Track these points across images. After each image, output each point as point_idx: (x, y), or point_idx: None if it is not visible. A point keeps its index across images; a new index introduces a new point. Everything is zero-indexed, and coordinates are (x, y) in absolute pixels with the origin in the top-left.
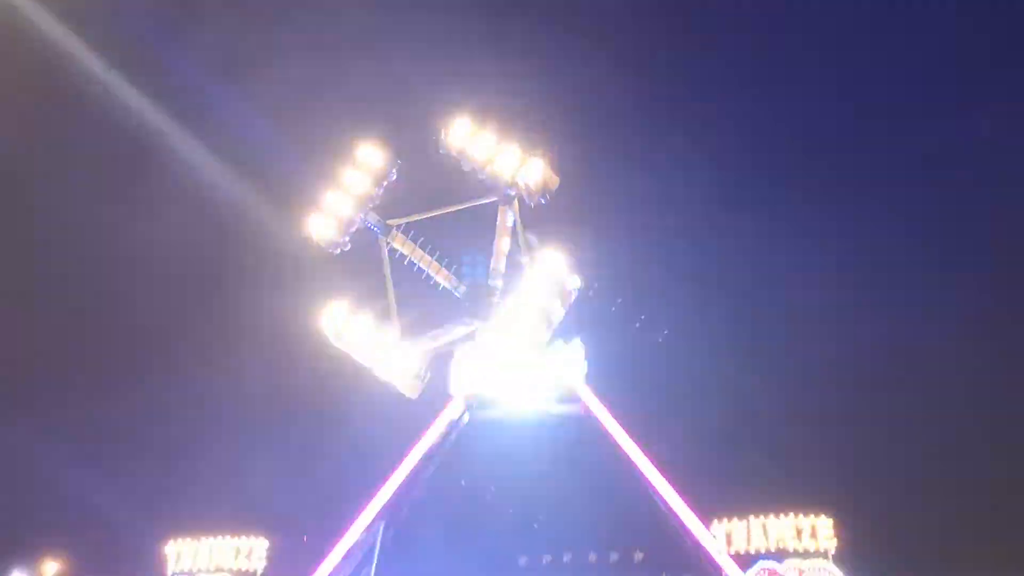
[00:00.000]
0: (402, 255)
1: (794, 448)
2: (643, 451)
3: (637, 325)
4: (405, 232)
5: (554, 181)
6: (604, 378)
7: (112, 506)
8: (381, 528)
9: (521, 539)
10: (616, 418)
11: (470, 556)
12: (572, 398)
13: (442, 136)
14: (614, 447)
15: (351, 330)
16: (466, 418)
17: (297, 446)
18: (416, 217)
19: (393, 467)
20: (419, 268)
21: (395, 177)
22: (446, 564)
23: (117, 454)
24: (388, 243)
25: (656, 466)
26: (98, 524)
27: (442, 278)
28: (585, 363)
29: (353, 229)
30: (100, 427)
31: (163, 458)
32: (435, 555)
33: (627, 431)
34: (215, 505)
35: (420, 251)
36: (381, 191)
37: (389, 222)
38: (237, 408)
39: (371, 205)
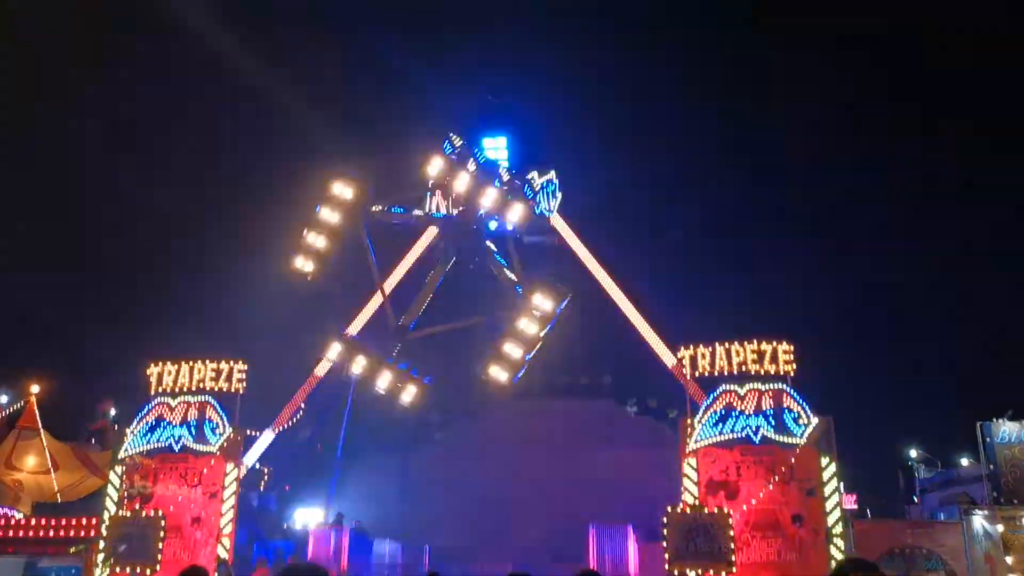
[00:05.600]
0: None
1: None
2: (615, 282)
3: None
4: None
5: None
6: (579, 209)
7: (94, 334)
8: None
9: None
10: (590, 250)
11: None
12: (546, 229)
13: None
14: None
15: None
16: (441, 246)
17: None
18: None
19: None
20: None
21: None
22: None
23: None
24: None
25: (628, 297)
26: (80, 351)
27: None
28: (559, 193)
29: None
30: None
31: (145, 290)
32: None
33: (601, 263)
34: (194, 336)
35: None
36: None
37: None
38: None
39: None
